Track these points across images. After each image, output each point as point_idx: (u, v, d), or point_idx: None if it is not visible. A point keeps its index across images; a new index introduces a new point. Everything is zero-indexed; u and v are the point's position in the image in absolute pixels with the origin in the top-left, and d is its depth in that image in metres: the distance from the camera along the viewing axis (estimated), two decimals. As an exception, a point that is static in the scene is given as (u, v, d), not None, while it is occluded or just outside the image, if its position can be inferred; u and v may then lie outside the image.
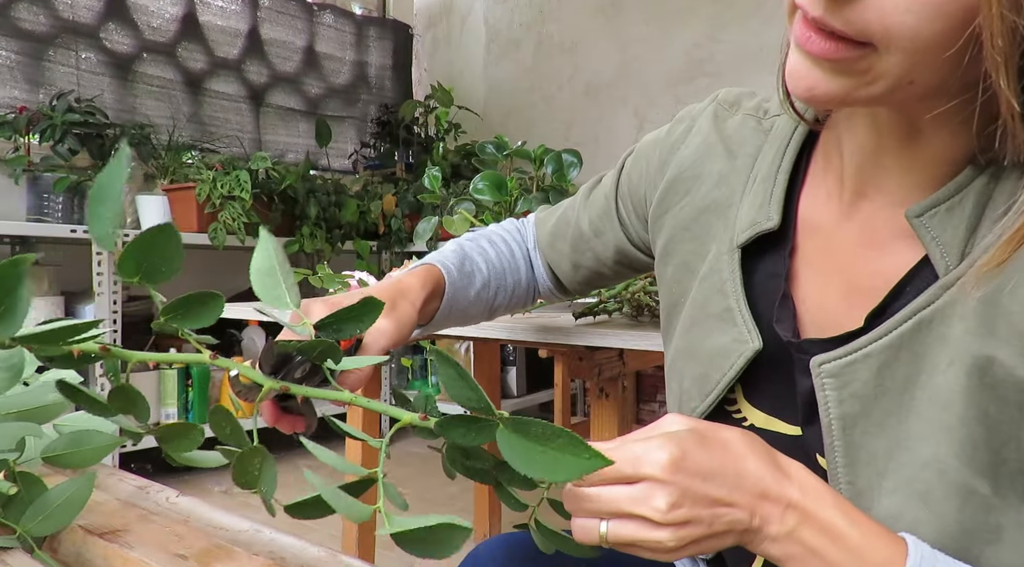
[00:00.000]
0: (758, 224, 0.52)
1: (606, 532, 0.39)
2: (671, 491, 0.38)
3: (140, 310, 2.47)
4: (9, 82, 2.36)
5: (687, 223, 0.58)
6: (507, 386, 2.87)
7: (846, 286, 0.48)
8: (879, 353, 0.44)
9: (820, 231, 0.51)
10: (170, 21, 2.78)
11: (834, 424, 0.46)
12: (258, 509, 2.15)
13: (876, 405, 0.44)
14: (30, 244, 2.26)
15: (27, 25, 2.39)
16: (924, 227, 0.43)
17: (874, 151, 0.46)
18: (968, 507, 0.41)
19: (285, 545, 0.46)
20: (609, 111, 2.98)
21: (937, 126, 0.42)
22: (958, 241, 0.42)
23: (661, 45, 2.81)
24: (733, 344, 0.52)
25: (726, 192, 0.56)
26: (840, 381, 0.45)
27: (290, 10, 3.16)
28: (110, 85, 2.60)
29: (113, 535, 0.47)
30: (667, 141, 0.63)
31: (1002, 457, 0.41)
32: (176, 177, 2.48)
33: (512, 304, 0.80)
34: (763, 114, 0.57)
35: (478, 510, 1.91)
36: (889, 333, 0.43)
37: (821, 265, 0.50)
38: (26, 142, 2.22)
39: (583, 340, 0.95)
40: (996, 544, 0.41)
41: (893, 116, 0.44)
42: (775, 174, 0.52)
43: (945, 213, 0.42)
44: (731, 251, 0.53)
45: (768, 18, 2.51)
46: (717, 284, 0.54)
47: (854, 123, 0.47)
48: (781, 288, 0.51)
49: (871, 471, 0.45)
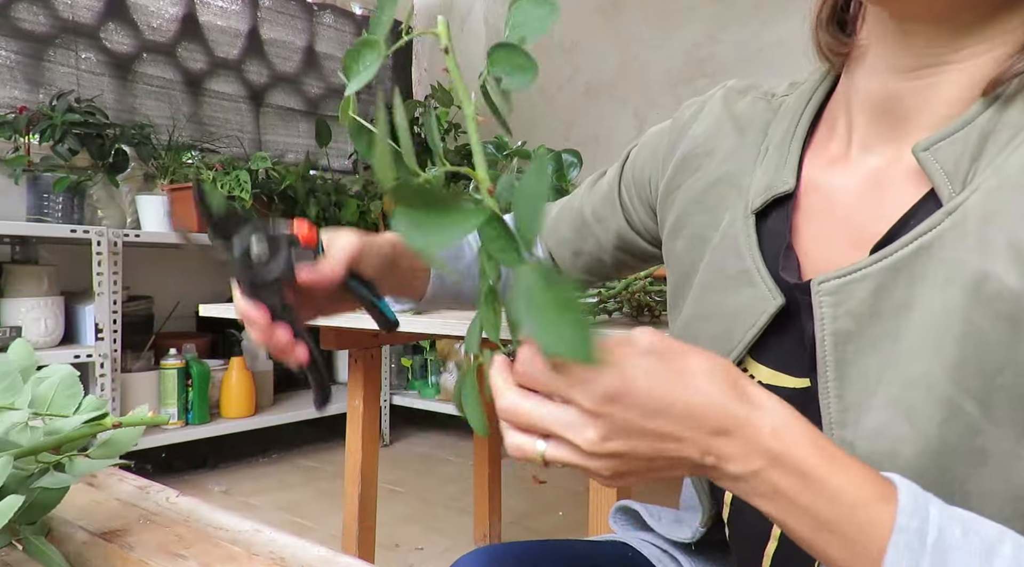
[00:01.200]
0: (773, 188, 0.54)
1: (543, 452, 0.38)
2: (600, 424, 0.36)
3: (140, 310, 2.47)
4: (9, 82, 2.36)
5: (699, 196, 0.60)
6: (507, 386, 2.86)
7: (850, 234, 0.50)
8: (877, 274, 0.45)
9: (821, 189, 0.53)
10: (170, 21, 2.78)
11: (827, 339, 0.47)
12: (258, 509, 2.15)
13: (871, 324, 0.45)
14: (30, 244, 2.26)
15: (27, 25, 2.39)
16: (930, 159, 0.44)
17: (889, 97, 0.48)
18: (951, 425, 0.41)
19: (285, 545, 0.46)
20: (609, 111, 2.98)
21: (954, 62, 0.45)
22: (962, 170, 0.43)
23: (661, 45, 2.81)
24: (754, 302, 0.52)
25: (737, 165, 0.58)
26: (837, 298, 0.46)
27: (290, 10, 3.16)
28: (110, 85, 2.60)
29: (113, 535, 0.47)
30: (675, 125, 0.66)
31: (998, 383, 0.41)
32: (176, 177, 2.48)
33: None
34: (771, 97, 0.60)
35: (478, 510, 1.91)
36: (889, 256, 0.45)
37: (822, 217, 0.52)
38: (26, 142, 2.22)
39: (583, 340, 0.95)
40: (981, 467, 0.41)
41: (915, 49, 0.46)
42: (789, 142, 0.55)
43: (949, 145, 0.44)
44: (746, 216, 0.55)
45: (768, 18, 2.51)
46: (733, 248, 0.55)
47: (869, 69, 0.49)
48: (784, 243, 0.53)
49: (860, 387, 0.45)
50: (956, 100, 0.46)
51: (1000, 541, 0.34)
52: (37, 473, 0.46)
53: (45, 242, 2.29)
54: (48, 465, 0.46)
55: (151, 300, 2.55)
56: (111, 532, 0.48)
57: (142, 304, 2.49)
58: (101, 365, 2.16)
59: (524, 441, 0.38)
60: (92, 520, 0.50)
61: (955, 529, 0.34)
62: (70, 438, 0.47)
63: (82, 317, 2.26)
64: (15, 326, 2.08)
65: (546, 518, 2.12)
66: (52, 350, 2.13)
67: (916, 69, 0.46)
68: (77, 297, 2.26)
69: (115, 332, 2.19)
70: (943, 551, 0.33)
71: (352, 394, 1.48)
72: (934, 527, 0.34)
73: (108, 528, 0.49)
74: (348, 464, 1.48)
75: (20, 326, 2.08)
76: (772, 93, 0.61)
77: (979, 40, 0.44)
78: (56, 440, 0.46)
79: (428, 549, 1.89)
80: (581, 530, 1.99)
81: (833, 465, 0.37)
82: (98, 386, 2.15)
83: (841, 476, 0.36)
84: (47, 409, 0.48)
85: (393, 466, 2.58)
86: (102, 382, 2.16)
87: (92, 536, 0.47)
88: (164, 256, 2.73)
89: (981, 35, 0.44)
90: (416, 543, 1.93)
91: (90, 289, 2.17)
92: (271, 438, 2.76)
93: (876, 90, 0.49)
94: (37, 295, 2.14)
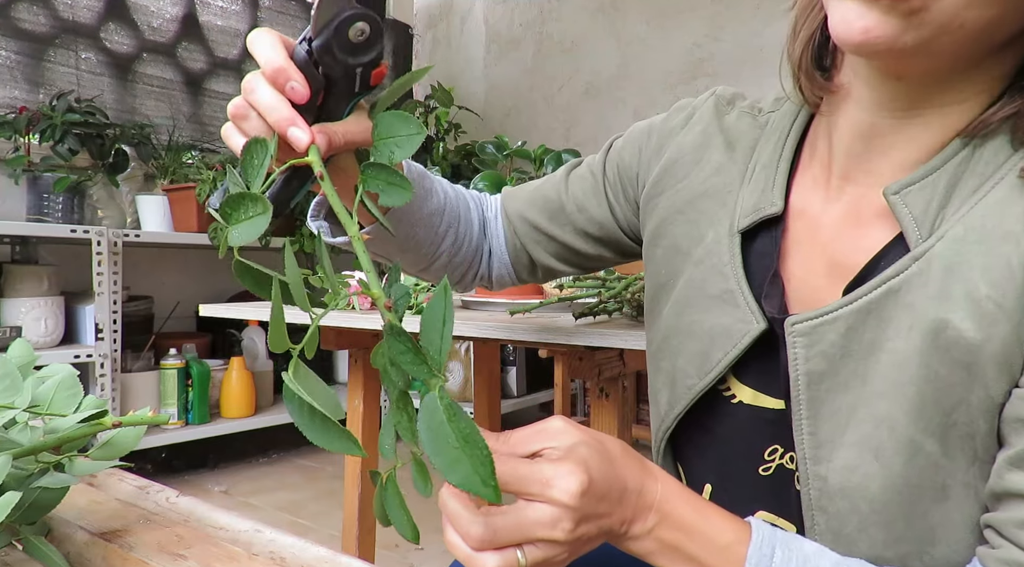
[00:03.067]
0: (761, 209, 0.54)
1: (526, 561, 0.40)
2: (576, 516, 0.39)
3: (140, 310, 2.47)
4: (9, 82, 2.36)
5: (681, 206, 0.60)
6: (507, 386, 2.87)
7: (830, 264, 0.51)
8: (847, 317, 0.46)
9: (807, 214, 0.53)
10: (170, 21, 2.78)
11: (800, 379, 0.48)
12: (258, 509, 2.15)
13: (842, 365, 0.47)
14: (30, 244, 2.26)
15: (27, 25, 2.39)
16: (900, 203, 0.46)
17: (866, 133, 0.49)
18: (914, 463, 0.44)
19: (285, 545, 0.46)
20: (609, 111, 2.98)
21: (935, 106, 0.45)
22: (929, 216, 0.45)
23: (661, 45, 2.81)
24: (736, 324, 0.53)
25: (725, 181, 0.58)
26: (809, 339, 0.48)
27: (290, 10, 3.16)
28: (110, 85, 2.60)
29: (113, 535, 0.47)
30: (665, 127, 0.65)
31: (952, 420, 0.43)
32: (176, 177, 2.48)
33: (456, 259, 0.73)
34: (757, 112, 0.60)
35: (478, 510, 1.90)
36: (859, 299, 0.46)
37: (808, 245, 0.53)
38: (26, 142, 2.22)
39: (583, 340, 0.95)
40: (943, 502, 0.44)
41: (894, 94, 0.46)
42: (776, 162, 0.55)
43: (919, 191, 0.45)
44: (731, 235, 0.55)
45: (768, 18, 2.51)
46: (717, 266, 0.55)
47: (850, 105, 0.49)
48: (772, 267, 0.53)
49: (832, 425, 0.47)
50: (932, 143, 0.46)
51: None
52: (37, 473, 0.45)
53: (45, 242, 2.29)
54: (48, 465, 0.46)
55: (151, 300, 2.55)
56: (111, 532, 0.48)
57: (142, 304, 2.49)
58: (101, 365, 2.16)
59: (505, 558, 0.40)
60: (92, 520, 0.50)
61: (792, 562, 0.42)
62: (70, 438, 0.47)
63: (82, 317, 2.26)
64: (15, 326, 2.08)
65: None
66: (52, 350, 2.13)
67: (902, 109, 0.47)
68: (77, 297, 2.26)
69: (115, 332, 2.19)
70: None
71: (352, 394, 1.48)
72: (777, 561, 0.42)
73: (108, 528, 0.49)
74: (348, 464, 1.48)
75: (20, 326, 2.08)
76: (759, 108, 0.60)
77: (966, 86, 0.45)
78: (56, 440, 0.46)
79: (428, 549, 1.89)
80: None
81: (704, 516, 0.44)
82: (98, 386, 2.15)
83: (711, 525, 0.44)
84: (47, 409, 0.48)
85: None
86: (102, 382, 2.16)
87: (92, 536, 0.47)
88: (164, 256, 2.73)
89: (968, 82, 0.44)
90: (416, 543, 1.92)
91: (90, 289, 2.17)
92: (271, 438, 2.76)
93: (860, 123, 0.49)
94: (37, 295, 2.14)
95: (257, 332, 2.69)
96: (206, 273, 2.84)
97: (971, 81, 0.44)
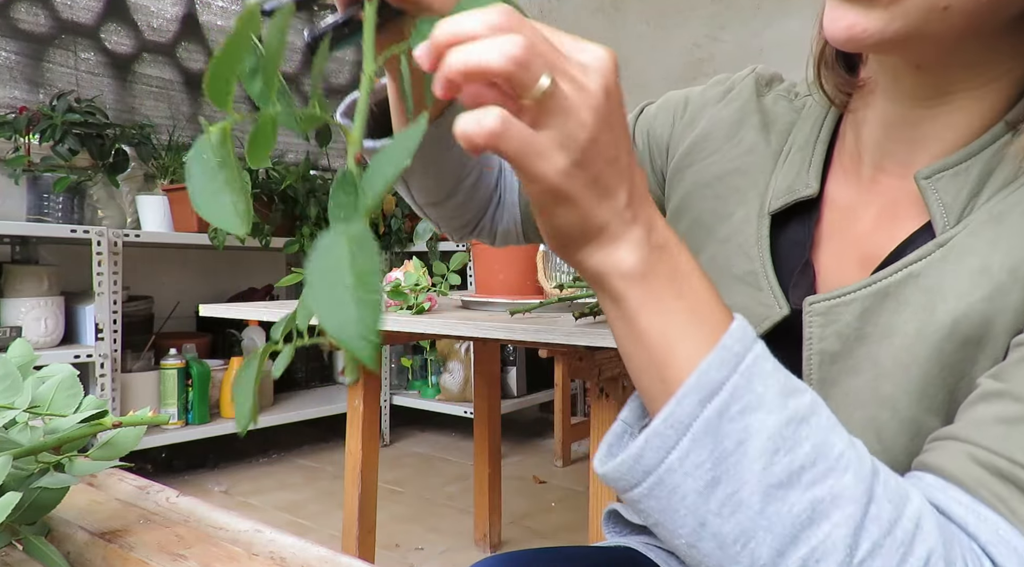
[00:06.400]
0: (795, 191, 0.53)
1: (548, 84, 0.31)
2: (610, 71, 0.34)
3: (140, 310, 2.47)
4: (9, 82, 2.36)
5: (710, 180, 0.58)
6: (507, 386, 2.87)
7: (863, 256, 0.50)
8: (864, 299, 0.46)
9: (842, 205, 0.53)
10: (170, 21, 2.78)
11: (814, 358, 0.48)
12: (258, 509, 2.15)
13: (857, 347, 0.46)
14: (30, 244, 2.26)
15: (27, 25, 2.39)
16: (930, 189, 0.45)
17: (897, 123, 0.48)
18: (917, 442, 0.43)
19: (285, 545, 0.46)
20: (609, 111, 2.98)
21: (964, 90, 0.45)
22: (959, 204, 0.44)
23: (661, 45, 2.81)
24: (757, 307, 0.52)
25: (758, 160, 0.57)
26: (825, 319, 0.47)
27: (290, 10, 3.15)
28: (110, 85, 2.60)
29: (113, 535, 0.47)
30: (701, 98, 0.64)
31: (955, 396, 0.42)
32: (176, 177, 2.48)
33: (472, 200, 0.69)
34: (794, 96, 0.59)
35: (478, 510, 1.91)
36: (877, 282, 0.46)
37: (841, 236, 0.52)
38: (26, 142, 2.22)
39: (583, 340, 0.95)
40: None
41: (919, 82, 0.46)
42: (813, 144, 0.54)
43: (951, 177, 0.45)
44: (761, 216, 0.54)
45: (769, 18, 2.51)
46: (743, 246, 0.54)
47: (879, 98, 0.49)
48: (804, 256, 0.52)
49: (842, 406, 0.47)
50: (967, 126, 0.46)
51: (805, 389, 0.36)
52: (37, 473, 0.45)
53: (45, 242, 2.29)
54: (48, 465, 0.46)
55: (151, 300, 2.55)
56: (111, 532, 0.48)
57: (142, 304, 2.49)
58: (101, 365, 2.16)
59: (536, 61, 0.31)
60: (92, 520, 0.50)
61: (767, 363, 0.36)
62: (70, 438, 0.47)
63: (82, 317, 2.26)
64: (15, 326, 2.08)
65: (546, 518, 2.12)
66: (52, 350, 2.13)
67: (930, 98, 0.46)
68: (77, 297, 2.26)
69: (115, 332, 2.19)
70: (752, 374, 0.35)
71: (352, 394, 1.48)
72: (751, 355, 0.35)
73: (108, 528, 0.49)
74: (348, 464, 1.48)
75: (20, 326, 2.08)
76: (795, 91, 0.60)
77: (992, 66, 0.44)
78: (56, 440, 0.46)
79: (428, 549, 1.89)
80: (581, 530, 1.99)
81: (700, 274, 0.38)
82: (98, 386, 2.15)
83: (705, 285, 0.37)
84: (47, 409, 0.48)
85: (393, 466, 2.58)
86: (102, 382, 2.16)
87: (92, 536, 0.47)
88: (164, 256, 2.73)
89: (994, 62, 0.44)
90: (416, 543, 1.93)
91: (90, 289, 2.17)
92: (271, 438, 2.76)
93: (890, 114, 0.49)
94: (37, 295, 2.14)
95: (257, 332, 2.69)
96: (206, 273, 2.84)
97: (996, 61, 0.44)
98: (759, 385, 0.35)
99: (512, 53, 0.30)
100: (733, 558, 0.34)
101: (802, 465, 0.34)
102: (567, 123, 0.32)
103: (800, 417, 0.34)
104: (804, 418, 0.35)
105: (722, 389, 0.34)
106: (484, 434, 1.88)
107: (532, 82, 0.31)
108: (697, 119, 0.62)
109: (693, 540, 0.35)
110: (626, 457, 0.35)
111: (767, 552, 0.33)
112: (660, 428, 0.34)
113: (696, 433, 0.34)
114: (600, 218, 0.35)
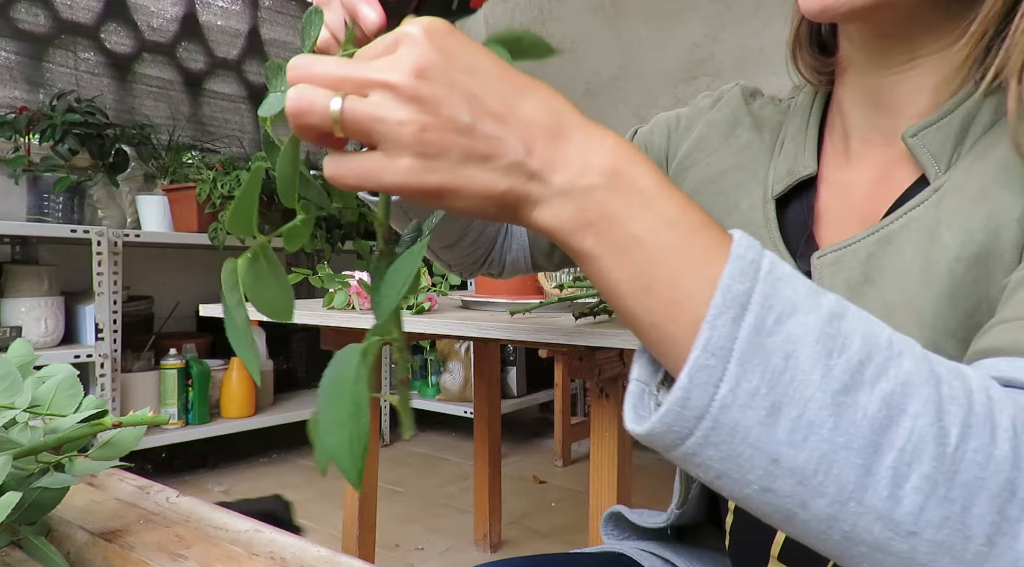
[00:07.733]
0: (795, 173, 0.55)
1: (339, 109, 0.31)
2: (423, 54, 0.31)
3: (140, 310, 2.47)
4: (9, 82, 2.36)
5: (714, 177, 0.61)
6: (507, 386, 2.87)
7: (862, 221, 0.52)
8: (869, 245, 0.48)
9: (836, 181, 0.55)
10: (170, 21, 2.78)
11: None
12: (258, 509, 2.15)
13: (865, 291, 0.48)
14: (30, 244, 2.26)
15: (27, 25, 2.39)
16: (918, 144, 0.48)
17: (871, 94, 0.52)
18: None
19: (285, 545, 0.46)
20: (609, 111, 2.98)
21: (929, 52, 0.48)
22: (947, 152, 0.47)
23: (661, 45, 2.81)
24: None
25: (754, 156, 0.60)
26: (834, 269, 0.50)
27: (290, 10, 3.16)
28: (110, 85, 2.60)
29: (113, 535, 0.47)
30: (693, 110, 0.67)
31: (976, 321, 0.43)
32: (176, 177, 2.48)
33: (482, 236, 0.72)
34: (778, 101, 0.64)
35: (478, 510, 1.91)
36: (880, 229, 0.48)
37: (840, 208, 0.54)
38: (26, 142, 2.22)
39: (583, 340, 0.95)
40: None
41: (887, 49, 0.50)
42: (804, 131, 0.57)
43: (935, 132, 0.48)
44: (765, 202, 0.57)
45: (768, 18, 2.50)
46: (753, 232, 0.56)
47: (853, 73, 0.53)
48: (806, 232, 0.55)
49: None
50: (939, 87, 0.49)
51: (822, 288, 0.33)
52: (37, 473, 0.45)
53: (45, 242, 2.29)
54: (48, 465, 0.46)
55: (151, 300, 2.55)
56: (111, 532, 0.48)
57: (142, 304, 2.49)
58: (101, 365, 2.16)
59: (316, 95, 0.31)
60: (92, 520, 0.50)
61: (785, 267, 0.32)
62: (70, 438, 0.47)
63: (82, 317, 2.26)
64: (15, 326, 2.08)
65: (546, 518, 2.12)
66: (52, 350, 2.13)
67: (900, 64, 0.50)
68: (77, 297, 2.26)
69: (115, 332, 2.19)
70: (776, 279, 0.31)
71: (352, 394, 1.47)
72: (767, 261, 0.31)
73: (108, 528, 0.49)
74: (348, 464, 1.48)
75: (20, 326, 2.08)
76: (779, 98, 0.63)
77: (951, 25, 0.47)
78: (56, 440, 0.46)
79: (428, 549, 1.89)
80: (581, 530, 1.99)
81: (671, 189, 0.33)
82: (98, 386, 2.15)
83: (680, 199, 0.33)
84: (47, 409, 0.48)
85: (393, 466, 2.58)
86: (102, 382, 2.16)
87: (92, 536, 0.47)
88: (164, 256, 2.73)
89: (951, 22, 0.47)
90: (416, 543, 1.93)
91: (90, 289, 2.17)
92: (271, 438, 2.76)
93: (867, 86, 0.52)
94: (37, 295, 2.14)
95: (257, 332, 2.69)
96: (206, 273, 2.84)
97: (954, 23, 0.47)
98: (786, 288, 0.31)
99: (289, 107, 0.32)
100: (816, 491, 0.29)
101: (860, 361, 0.30)
102: (383, 127, 0.31)
103: (837, 312, 0.31)
104: (840, 313, 0.31)
105: (751, 301, 0.30)
106: (484, 434, 1.88)
107: (323, 117, 0.31)
108: (693, 126, 0.66)
109: (767, 482, 0.30)
110: (671, 405, 0.30)
111: (853, 473, 0.29)
112: (701, 359, 0.29)
113: (741, 355, 0.29)
114: (500, 185, 0.32)
